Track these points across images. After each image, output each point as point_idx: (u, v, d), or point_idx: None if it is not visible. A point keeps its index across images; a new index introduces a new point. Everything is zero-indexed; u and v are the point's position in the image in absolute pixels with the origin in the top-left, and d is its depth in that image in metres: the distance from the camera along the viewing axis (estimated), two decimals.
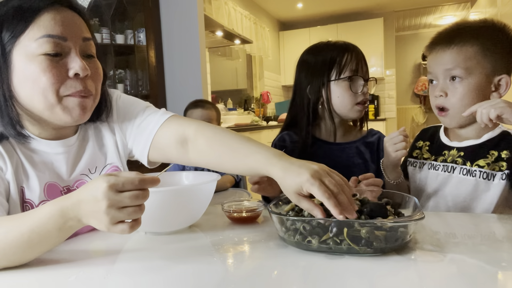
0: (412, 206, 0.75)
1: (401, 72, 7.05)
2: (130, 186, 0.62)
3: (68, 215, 0.64)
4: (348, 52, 1.17)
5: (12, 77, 0.76)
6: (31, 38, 0.74)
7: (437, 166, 1.08)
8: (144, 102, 0.98)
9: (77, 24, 0.80)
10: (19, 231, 0.64)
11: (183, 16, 2.88)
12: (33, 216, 0.65)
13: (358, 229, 0.63)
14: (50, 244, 0.67)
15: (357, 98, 1.17)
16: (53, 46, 0.75)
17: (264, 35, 5.71)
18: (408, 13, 6.36)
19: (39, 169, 0.82)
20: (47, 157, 0.84)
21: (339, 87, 1.18)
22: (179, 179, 0.98)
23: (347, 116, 1.21)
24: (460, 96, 1.00)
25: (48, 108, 0.77)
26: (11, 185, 0.78)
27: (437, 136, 1.14)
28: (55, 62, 0.76)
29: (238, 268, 0.65)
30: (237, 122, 4.08)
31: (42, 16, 0.75)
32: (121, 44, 2.84)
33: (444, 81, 1.02)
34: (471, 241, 0.73)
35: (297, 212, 0.74)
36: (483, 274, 0.57)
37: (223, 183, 1.78)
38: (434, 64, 1.04)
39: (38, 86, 0.75)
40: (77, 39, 0.79)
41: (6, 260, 0.65)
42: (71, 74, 0.77)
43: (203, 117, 1.91)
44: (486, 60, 0.98)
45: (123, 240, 0.82)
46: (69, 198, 0.65)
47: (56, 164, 0.85)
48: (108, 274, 0.64)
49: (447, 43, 1.01)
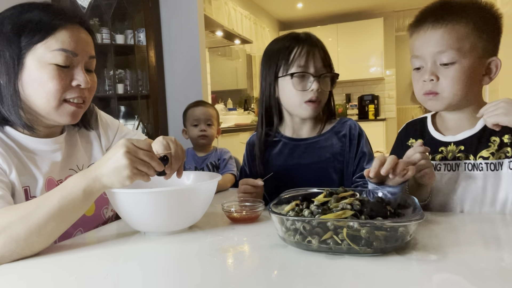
0: (412, 206, 0.75)
1: (401, 72, 7.04)
2: (144, 146, 0.77)
3: (90, 175, 0.76)
4: (297, 46, 1.08)
5: (21, 76, 0.85)
6: (47, 48, 0.84)
7: (438, 166, 0.99)
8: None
9: (87, 43, 0.91)
10: (50, 201, 0.73)
11: (183, 16, 2.88)
12: (60, 187, 0.76)
13: (358, 229, 0.63)
14: (78, 210, 0.77)
15: (305, 96, 1.08)
16: (64, 59, 0.85)
17: (264, 35, 5.71)
18: (408, 13, 6.36)
19: (40, 166, 0.90)
20: (45, 154, 0.93)
21: (286, 83, 1.09)
22: (180, 179, 0.98)
23: (298, 115, 1.13)
24: (452, 80, 0.91)
25: (46, 109, 0.87)
26: (16, 186, 0.84)
27: (427, 131, 1.05)
28: (63, 72, 0.86)
29: (238, 268, 0.65)
30: (237, 122, 4.08)
31: (61, 31, 0.86)
32: (121, 44, 2.84)
33: (434, 64, 0.92)
34: (471, 241, 0.73)
35: (297, 212, 0.74)
36: (483, 274, 0.57)
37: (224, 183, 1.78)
38: (422, 46, 0.94)
39: (43, 90, 0.85)
40: (85, 56, 0.90)
41: (42, 235, 0.72)
42: (74, 84, 0.88)
43: (204, 115, 1.92)
44: (479, 41, 0.90)
45: (123, 240, 0.82)
46: (91, 166, 0.78)
47: (52, 160, 0.94)
48: (108, 274, 0.64)
49: (436, 21, 0.92)
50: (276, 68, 1.11)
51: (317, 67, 1.08)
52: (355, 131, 1.13)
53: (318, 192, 0.82)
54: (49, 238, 0.74)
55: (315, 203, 0.75)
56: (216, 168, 1.93)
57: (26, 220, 0.71)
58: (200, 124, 1.91)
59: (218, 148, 2.01)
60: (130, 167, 0.74)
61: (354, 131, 1.13)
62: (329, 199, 0.75)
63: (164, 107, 2.94)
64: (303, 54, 1.07)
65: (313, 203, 0.75)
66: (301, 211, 0.73)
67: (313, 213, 0.71)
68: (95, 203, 0.99)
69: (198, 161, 1.94)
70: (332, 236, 0.64)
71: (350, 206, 0.70)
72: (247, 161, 1.23)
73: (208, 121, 1.92)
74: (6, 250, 0.70)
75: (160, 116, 2.89)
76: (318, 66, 1.08)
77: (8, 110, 0.86)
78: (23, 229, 0.70)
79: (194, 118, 1.92)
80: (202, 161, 1.94)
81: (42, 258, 0.72)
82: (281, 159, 1.16)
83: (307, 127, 1.16)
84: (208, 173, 0.97)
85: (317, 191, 0.84)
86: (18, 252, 0.71)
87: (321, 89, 1.08)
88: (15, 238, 0.70)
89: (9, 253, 0.70)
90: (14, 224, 0.70)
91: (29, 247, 0.72)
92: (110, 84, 2.80)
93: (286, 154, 1.15)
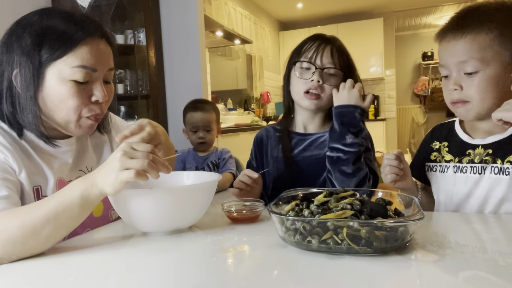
0: (412, 206, 0.75)
1: (401, 72, 7.05)
2: (143, 148, 0.74)
3: (88, 180, 0.74)
4: (312, 40, 1.14)
5: (41, 89, 0.84)
6: (67, 64, 0.83)
7: (464, 168, 0.98)
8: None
9: (107, 56, 0.90)
10: (47, 205, 0.72)
11: (183, 16, 2.88)
12: (59, 192, 0.75)
13: (358, 229, 0.63)
14: (75, 215, 0.74)
15: (306, 85, 1.11)
16: (84, 76, 0.85)
17: (264, 35, 5.70)
18: (408, 13, 6.36)
19: (52, 166, 0.91)
20: (57, 154, 0.94)
21: (293, 73, 1.15)
22: (180, 179, 0.98)
23: (300, 105, 1.16)
24: (476, 89, 0.90)
25: (65, 123, 0.88)
26: (25, 186, 0.84)
27: (454, 134, 1.04)
28: (82, 89, 0.86)
29: (238, 268, 0.65)
30: (237, 122, 4.08)
31: (82, 47, 0.84)
32: (121, 44, 2.84)
33: (458, 73, 0.92)
34: (472, 241, 0.73)
35: (297, 212, 0.74)
36: (483, 274, 0.57)
37: (223, 183, 1.78)
38: (445, 55, 0.94)
39: (64, 106, 0.85)
40: (105, 69, 0.89)
41: (38, 240, 0.71)
42: (93, 100, 0.88)
43: (203, 121, 1.91)
44: (503, 48, 0.88)
45: (124, 240, 0.82)
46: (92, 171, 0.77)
47: (63, 161, 0.94)
48: (108, 274, 0.64)
49: (459, 31, 0.90)
50: (290, 59, 1.17)
51: (323, 61, 1.11)
52: None
53: (318, 192, 0.82)
54: (46, 243, 0.73)
55: (315, 203, 0.75)
56: (216, 167, 1.93)
57: (22, 224, 0.70)
58: (198, 131, 1.91)
59: (218, 148, 2.01)
60: (121, 169, 0.71)
61: None
62: (329, 199, 0.75)
63: (164, 107, 2.94)
64: (313, 47, 1.12)
65: (313, 203, 0.75)
66: (301, 211, 0.73)
67: (313, 213, 0.71)
68: (103, 204, 1.00)
69: (199, 160, 1.94)
70: (332, 236, 0.64)
71: (350, 206, 0.70)
72: (254, 155, 1.24)
73: (207, 127, 1.91)
74: (4, 252, 0.69)
75: (160, 116, 2.89)
76: (325, 61, 1.11)
77: (28, 123, 0.85)
78: (19, 233, 0.69)
79: (192, 125, 1.92)
80: (203, 161, 1.94)
81: (42, 258, 0.72)
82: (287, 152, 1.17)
83: (316, 123, 1.19)
84: (208, 173, 0.97)
85: (317, 191, 0.84)
86: (16, 254, 0.70)
87: (323, 83, 1.11)
88: (13, 242, 0.69)
89: (7, 255, 0.70)
90: (11, 227, 0.70)
91: (26, 250, 0.71)
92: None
93: (293, 147, 1.17)
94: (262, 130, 1.27)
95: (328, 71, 1.11)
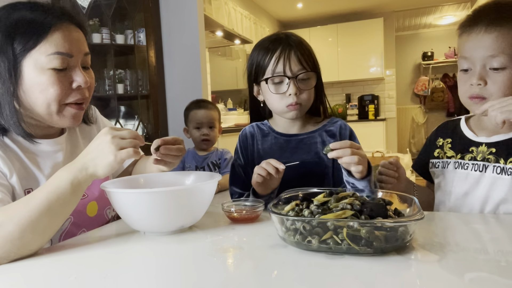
0: (412, 206, 0.75)
1: (401, 72, 7.04)
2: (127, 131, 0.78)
3: (75, 166, 0.76)
4: (272, 50, 1.06)
5: (20, 84, 0.84)
6: (42, 53, 0.83)
7: (466, 164, 0.97)
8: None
9: (80, 41, 0.90)
10: (39, 198, 0.73)
11: (183, 16, 2.88)
12: (47, 182, 0.76)
13: (358, 229, 0.63)
14: (68, 203, 0.76)
15: (286, 100, 1.06)
16: (61, 62, 0.84)
17: (264, 35, 5.63)
18: (408, 13, 6.36)
19: (42, 168, 0.91)
20: (47, 155, 0.92)
21: (266, 88, 1.08)
22: (180, 179, 0.98)
23: (284, 118, 1.12)
24: (502, 86, 0.87)
25: (48, 114, 0.87)
26: (16, 189, 0.84)
27: (459, 131, 1.03)
28: (62, 76, 0.86)
29: (238, 268, 0.65)
30: (237, 122, 4.08)
31: (54, 34, 0.84)
32: (121, 44, 2.84)
33: (484, 68, 0.89)
34: (472, 241, 0.73)
35: (297, 212, 0.74)
36: (482, 274, 0.57)
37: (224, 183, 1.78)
38: (472, 48, 0.90)
39: (45, 96, 0.85)
40: (80, 54, 0.89)
41: (36, 232, 0.71)
42: (75, 86, 0.88)
43: (207, 118, 1.92)
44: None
45: (123, 240, 0.82)
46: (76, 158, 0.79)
47: (54, 161, 0.93)
48: (108, 274, 0.64)
49: (490, 24, 0.88)
50: (253, 72, 1.11)
51: (293, 70, 1.05)
52: (345, 131, 1.14)
53: (318, 192, 0.82)
54: (44, 235, 0.74)
55: (315, 203, 0.75)
56: (217, 167, 1.93)
57: (17, 219, 0.70)
58: (202, 128, 1.91)
59: (219, 148, 2.01)
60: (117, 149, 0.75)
61: (345, 130, 1.14)
62: (329, 199, 0.75)
63: (164, 107, 2.94)
64: (276, 58, 1.05)
65: (313, 203, 0.75)
66: (301, 211, 0.73)
67: (313, 213, 0.71)
68: (98, 204, 0.99)
69: (198, 160, 1.94)
70: (332, 236, 0.64)
71: (350, 206, 0.70)
72: (241, 153, 1.22)
73: (211, 124, 1.92)
74: (2, 251, 0.69)
75: (160, 116, 2.89)
76: (295, 69, 1.05)
77: (7, 121, 0.85)
78: (16, 228, 0.69)
79: (196, 122, 1.92)
80: (203, 160, 1.94)
81: (42, 258, 0.72)
82: (272, 154, 1.16)
83: (297, 125, 1.16)
84: (208, 173, 0.97)
85: (317, 191, 0.84)
86: (15, 252, 0.70)
87: (300, 91, 1.06)
88: (10, 239, 0.69)
89: (6, 254, 0.69)
90: (6, 224, 0.70)
91: (25, 246, 0.71)
92: (110, 84, 2.79)
93: (278, 149, 1.15)
94: (246, 127, 1.23)
95: (301, 76, 1.06)
